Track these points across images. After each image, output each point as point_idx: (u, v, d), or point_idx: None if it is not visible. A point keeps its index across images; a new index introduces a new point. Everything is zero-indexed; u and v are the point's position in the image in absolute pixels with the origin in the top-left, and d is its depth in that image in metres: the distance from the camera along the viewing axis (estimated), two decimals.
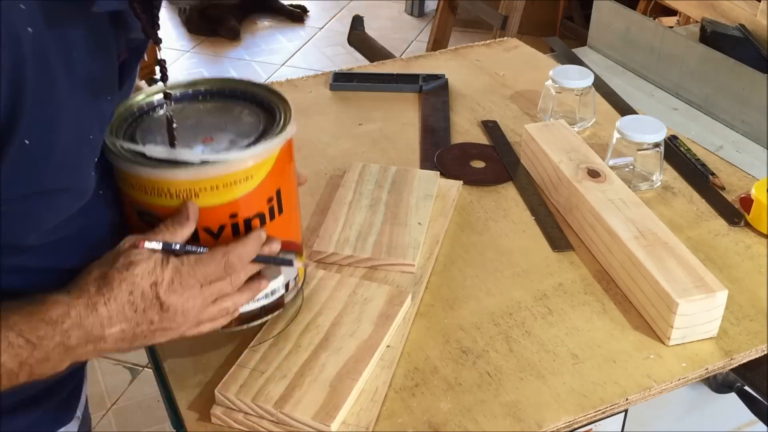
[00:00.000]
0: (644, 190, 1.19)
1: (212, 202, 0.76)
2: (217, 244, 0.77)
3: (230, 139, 0.79)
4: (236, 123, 0.81)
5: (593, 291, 1.01)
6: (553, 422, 0.83)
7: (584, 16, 3.44)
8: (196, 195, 0.76)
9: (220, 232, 0.78)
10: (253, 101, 0.84)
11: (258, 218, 0.80)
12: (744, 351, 0.92)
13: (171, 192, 0.75)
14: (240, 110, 0.83)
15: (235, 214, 0.78)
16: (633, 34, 1.72)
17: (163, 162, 0.75)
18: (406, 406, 0.85)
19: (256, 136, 0.79)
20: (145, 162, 0.75)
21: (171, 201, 0.76)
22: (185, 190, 0.75)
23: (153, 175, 0.75)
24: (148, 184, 0.76)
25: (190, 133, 0.80)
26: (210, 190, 0.76)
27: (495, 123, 1.36)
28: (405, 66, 1.58)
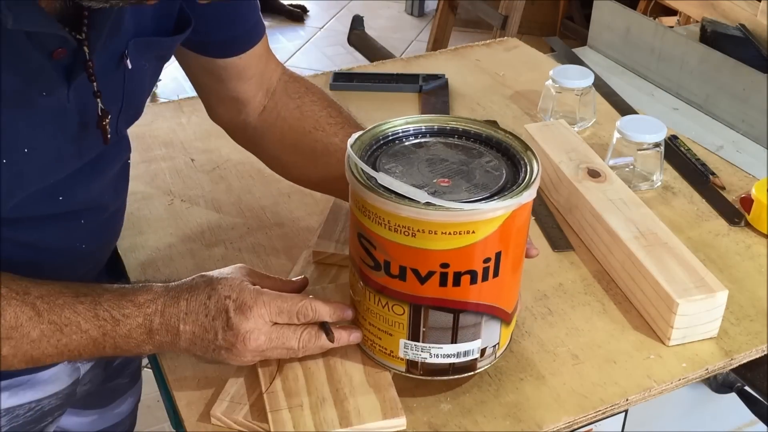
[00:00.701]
0: (644, 190, 1.19)
1: (426, 246, 0.75)
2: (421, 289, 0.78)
3: (466, 188, 0.77)
4: (479, 171, 0.79)
5: (593, 291, 1.01)
6: (553, 423, 0.83)
7: (584, 16, 3.43)
8: (413, 234, 0.74)
9: (428, 278, 0.77)
10: (505, 153, 0.82)
11: (469, 275, 0.77)
12: (744, 351, 0.92)
13: (391, 225, 0.75)
14: (488, 159, 0.81)
15: (446, 265, 0.76)
16: (633, 34, 1.72)
17: (391, 194, 0.74)
18: (406, 406, 0.84)
19: (492, 192, 0.77)
20: (371, 188, 0.75)
21: (389, 234, 0.75)
22: (404, 227, 0.74)
23: (377, 202, 0.75)
24: (372, 209, 0.76)
25: (431, 171, 0.79)
26: (427, 234, 0.74)
27: (495, 123, 1.36)
28: (405, 66, 1.58)
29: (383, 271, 0.78)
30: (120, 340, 0.77)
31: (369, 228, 0.77)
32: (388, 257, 0.77)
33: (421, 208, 0.73)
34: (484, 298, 0.79)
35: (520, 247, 0.81)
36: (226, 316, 0.78)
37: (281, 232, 1.10)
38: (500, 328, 0.83)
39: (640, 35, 1.70)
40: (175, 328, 0.78)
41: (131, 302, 0.77)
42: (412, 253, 0.76)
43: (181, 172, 1.23)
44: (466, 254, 0.76)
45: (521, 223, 0.78)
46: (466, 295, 0.78)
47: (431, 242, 0.74)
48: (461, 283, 0.77)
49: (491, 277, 0.78)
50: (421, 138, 0.84)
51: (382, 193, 0.74)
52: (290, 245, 1.08)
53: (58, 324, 0.74)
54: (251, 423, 0.81)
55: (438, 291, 0.77)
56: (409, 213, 0.73)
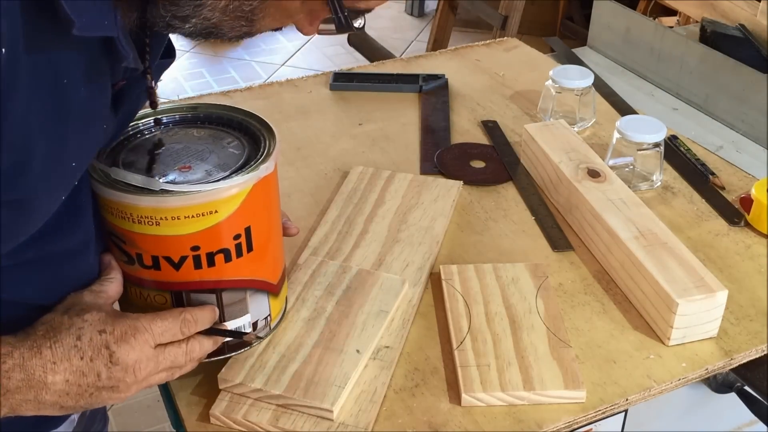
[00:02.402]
0: (644, 190, 1.19)
1: (173, 232, 0.75)
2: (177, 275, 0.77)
3: (206, 170, 0.77)
4: (220, 153, 0.80)
5: (593, 291, 1.01)
6: (553, 422, 0.83)
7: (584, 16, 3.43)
8: (156, 223, 0.74)
9: (181, 263, 0.77)
10: (246, 132, 0.83)
11: (222, 254, 0.78)
12: (744, 351, 0.92)
13: (133, 217, 0.75)
14: (230, 140, 0.82)
15: (197, 247, 0.76)
16: (633, 34, 1.72)
17: (129, 186, 0.74)
18: (406, 406, 0.84)
19: (231, 170, 0.77)
20: (110, 184, 0.75)
21: (133, 226, 0.75)
22: (146, 218, 0.74)
23: (116, 197, 0.75)
24: (113, 206, 0.75)
25: (172, 159, 0.79)
26: (170, 220, 0.74)
27: (495, 123, 1.36)
28: (405, 66, 1.58)
29: (137, 264, 0.78)
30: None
31: (115, 224, 0.77)
32: (138, 250, 0.77)
33: (158, 196, 0.73)
34: (242, 273, 0.80)
35: (272, 219, 0.82)
36: (108, 352, 0.69)
37: None
38: (268, 300, 0.84)
39: (639, 35, 1.70)
40: (41, 382, 0.67)
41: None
42: (160, 242, 0.76)
43: None
44: (213, 234, 0.76)
45: (267, 196, 0.80)
46: (224, 274, 0.79)
47: (176, 228, 0.75)
48: (216, 262, 0.77)
49: (246, 253, 0.79)
50: (163, 128, 0.84)
51: (119, 188, 0.74)
52: (290, 245, 1.08)
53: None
54: (250, 422, 0.81)
55: (194, 274, 0.77)
56: (148, 203, 0.74)
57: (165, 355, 0.74)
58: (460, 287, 0.98)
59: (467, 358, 0.88)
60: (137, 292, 0.80)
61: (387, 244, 1.05)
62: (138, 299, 0.80)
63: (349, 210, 1.12)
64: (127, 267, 0.79)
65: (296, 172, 1.24)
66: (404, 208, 1.13)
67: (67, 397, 0.69)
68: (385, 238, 1.07)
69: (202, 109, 0.86)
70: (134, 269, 0.78)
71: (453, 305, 0.95)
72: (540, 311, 0.94)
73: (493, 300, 0.96)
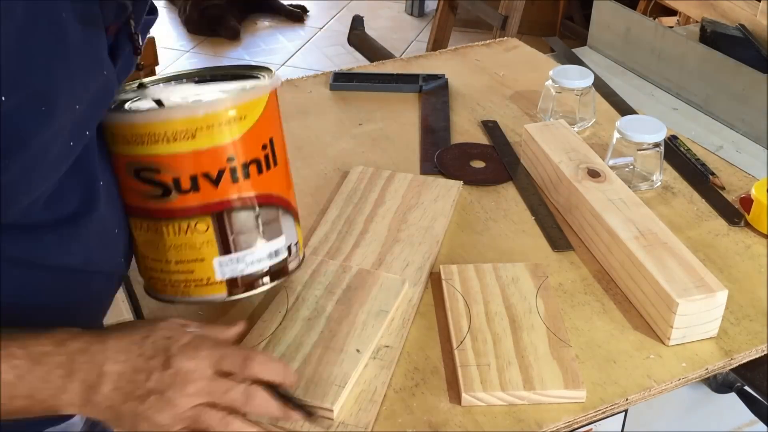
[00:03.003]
0: (644, 190, 1.19)
1: (209, 143, 0.76)
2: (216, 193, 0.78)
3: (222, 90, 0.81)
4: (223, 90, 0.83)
5: (593, 291, 1.01)
6: (553, 422, 0.83)
7: (584, 16, 3.43)
8: (192, 135, 0.75)
9: (219, 178, 0.78)
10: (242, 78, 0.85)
11: (255, 164, 0.79)
12: (744, 351, 0.92)
13: (168, 135, 0.75)
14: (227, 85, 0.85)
15: (232, 158, 0.78)
16: (633, 34, 1.72)
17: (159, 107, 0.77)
18: (406, 406, 0.84)
19: None
20: (140, 110, 0.76)
21: (168, 147, 0.76)
22: (182, 131, 0.75)
23: (150, 118, 0.75)
24: (145, 130, 0.75)
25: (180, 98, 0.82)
26: (206, 129, 0.76)
27: (495, 123, 1.36)
28: (405, 66, 1.58)
29: (174, 191, 0.78)
30: (36, 384, 0.66)
31: (147, 154, 0.77)
32: (175, 173, 0.77)
33: (192, 106, 0.77)
34: (273, 188, 0.82)
35: (282, 139, 0.85)
36: (165, 356, 0.69)
37: None
38: (294, 223, 0.86)
39: (640, 35, 1.70)
40: (99, 368, 0.67)
41: (49, 339, 0.67)
42: (197, 158, 0.77)
43: None
44: (245, 142, 0.79)
45: (277, 111, 0.84)
46: (258, 187, 0.81)
47: (211, 138, 0.77)
48: (250, 174, 0.79)
49: (272, 166, 0.82)
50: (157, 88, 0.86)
51: (151, 109, 0.77)
52: None
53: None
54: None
55: (232, 189, 0.79)
56: (183, 113, 0.76)
57: (221, 382, 0.71)
58: (460, 287, 0.98)
59: (467, 358, 0.88)
60: (175, 228, 0.79)
61: (387, 244, 1.05)
62: (177, 236, 0.80)
63: (349, 210, 1.12)
64: (163, 201, 0.78)
65: (296, 172, 1.23)
66: (404, 207, 1.13)
67: (117, 393, 0.68)
68: (385, 237, 1.07)
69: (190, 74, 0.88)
70: (171, 200, 0.78)
71: (453, 305, 0.95)
72: (540, 311, 0.94)
73: (493, 300, 0.96)
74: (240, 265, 0.81)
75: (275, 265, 0.84)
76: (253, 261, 0.82)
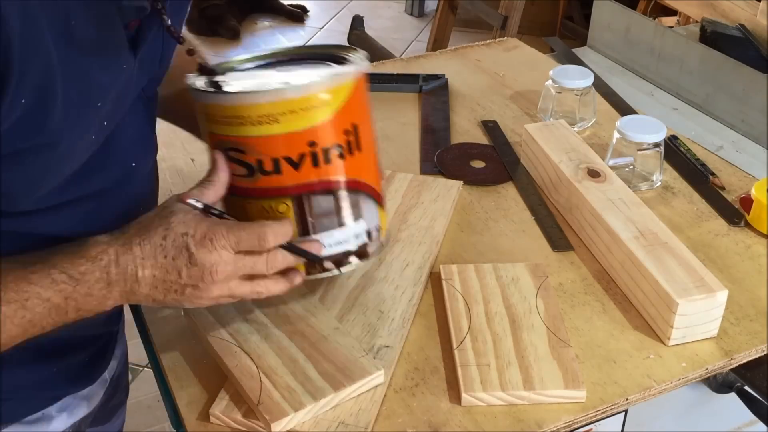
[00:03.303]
0: (644, 190, 1.19)
1: (292, 128, 0.78)
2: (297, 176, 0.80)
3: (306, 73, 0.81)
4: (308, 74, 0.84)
5: (593, 291, 1.01)
6: (553, 422, 0.83)
7: (584, 16, 3.43)
8: (276, 120, 0.77)
9: (301, 162, 0.79)
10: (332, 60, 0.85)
11: (336, 150, 0.80)
12: (744, 351, 0.92)
13: (253, 118, 0.77)
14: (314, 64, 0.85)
15: (314, 143, 0.79)
16: (633, 34, 1.72)
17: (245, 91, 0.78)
18: (406, 406, 0.84)
19: None
20: (225, 92, 0.78)
21: (253, 129, 0.78)
22: (266, 116, 0.77)
23: (235, 101, 0.77)
24: (230, 112, 0.78)
25: None
26: (290, 114, 0.77)
27: (495, 123, 1.36)
28: (405, 66, 1.58)
29: (258, 173, 0.80)
30: (81, 300, 0.73)
31: (233, 135, 0.79)
32: (259, 155, 0.79)
33: (278, 91, 0.77)
34: (355, 173, 0.82)
35: (372, 125, 0.85)
36: (188, 253, 0.75)
37: None
38: (377, 209, 0.86)
39: (640, 35, 1.70)
40: (133, 275, 0.74)
41: (83, 257, 0.73)
42: (280, 141, 0.78)
43: (181, 172, 1.23)
44: (328, 127, 0.79)
45: (365, 96, 0.84)
46: (339, 172, 0.81)
47: (295, 122, 0.78)
48: (331, 159, 0.80)
49: (356, 151, 0.82)
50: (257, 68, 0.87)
51: (236, 92, 0.78)
52: None
53: (18, 301, 0.70)
54: (251, 422, 0.81)
55: (313, 173, 0.80)
56: (268, 98, 0.77)
57: (245, 261, 0.77)
58: (460, 287, 0.98)
59: (467, 358, 0.88)
60: (258, 206, 0.81)
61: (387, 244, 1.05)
62: (259, 214, 0.82)
63: None
64: (248, 181, 0.81)
65: None
66: (404, 207, 1.13)
67: (156, 291, 0.76)
68: None
69: (279, 54, 0.89)
70: (255, 180, 0.80)
71: (453, 305, 0.95)
72: (540, 311, 0.94)
73: (493, 300, 0.96)
74: None
75: (355, 248, 0.84)
76: (331, 244, 0.83)
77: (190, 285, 0.76)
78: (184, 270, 0.75)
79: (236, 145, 0.79)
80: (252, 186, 0.81)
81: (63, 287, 0.72)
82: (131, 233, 0.76)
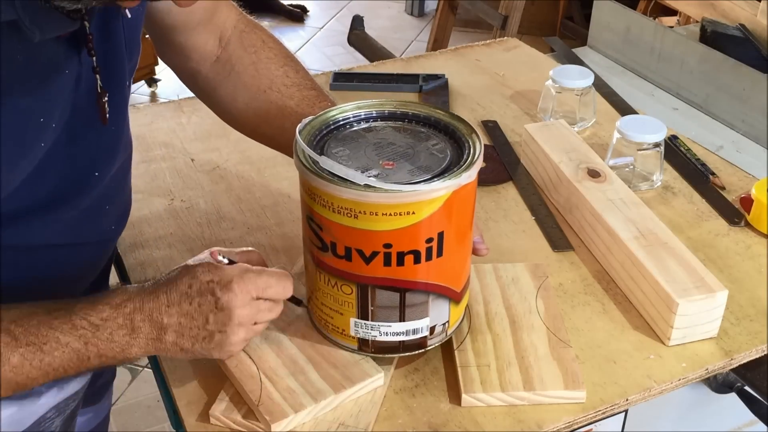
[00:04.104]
0: (644, 190, 1.19)
1: (369, 227, 0.77)
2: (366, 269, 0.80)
3: (409, 170, 0.79)
4: (424, 154, 0.82)
5: (593, 291, 1.01)
6: (553, 423, 0.83)
7: (584, 16, 3.43)
8: (355, 216, 0.77)
9: (372, 258, 0.79)
10: (451, 136, 0.84)
11: (412, 255, 0.79)
12: (744, 351, 0.92)
13: (334, 206, 0.77)
14: (434, 142, 0.84)
15: (389, 245, 0.78)
16: (633, 34, 1.72)
17: (334, 177, 0.77)
18: (406, 406, 0.84)
19: (434, 174, 0.79)
20: (316, 172, 0.77)
21: (332, 215, 0.78)
22: (346, 209, 0.77)
23: (321, 185, 0.77)
24: (317, 192, 0.78)
25: (376, 154, 0.82)
26: (368, 215, 0.77)
27: (495, 123, 1.36)
28: (405, 66, 1.58)
29: (330, 252, 0.81)
30: (103, 345, 0.74)
31: (316, 210, 0.80)
32: (333, 239, 0.80)
33: (360, 190, 0.75)
34: (429, 277, 0.82)
35: (464, 228, 0.83)
36: (214, 298, 0.76)
37: (281, 232, 1.10)
38: (449, 306, 0.85)
39: (640, 35, 1.70)
40: (158, 323, 0.75)
41: (107, 305, 0.75)
42: (355, 234, 0.78)
43: (181, 172, 1.23)
44: (408, 234, 0.78)
45: (464, 203, 0.81)
46: (411, 275, 0.81)
47: (373, 223, 0.77)
48: (405, 262, 0.79)
49: (435, 257, 0.80)
50: (371, 122, 0.87)
51: (324, 176, 0.77)
52: (290, 245, 1.08)
53: (36, 344, 0.71)
54: (250, 423, 0.81)
55: (383, 271, 0.80)
56: (350, 195, 0.76)
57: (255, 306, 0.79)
58: None
59: (467, 359, 0.88)
60: (326, 279, 0.83)
61: None
62: (326, 286, 0.84)
63: None
64: (320, 253, 0.82)
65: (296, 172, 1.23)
66: None
67: (183, 339, 0.77)
68: None
69: (410, 107, 0.88)
70: (327, 256, 0.82)
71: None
72: (540, 311, 0.94)
73: (493, 300, 0.96)
74: (373, 332, 0.84)
75: (410, 340, 0.85)
76: (387, 332, 0.84)
77: (217, 331, 0.77)
78: (211, 316, 0.77)
79: (317, 220, 0.80)
80: (324, 260, 0.82)
81: (83, 332, 0.73)
82: (158, 283, 0.77)
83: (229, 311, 0.77)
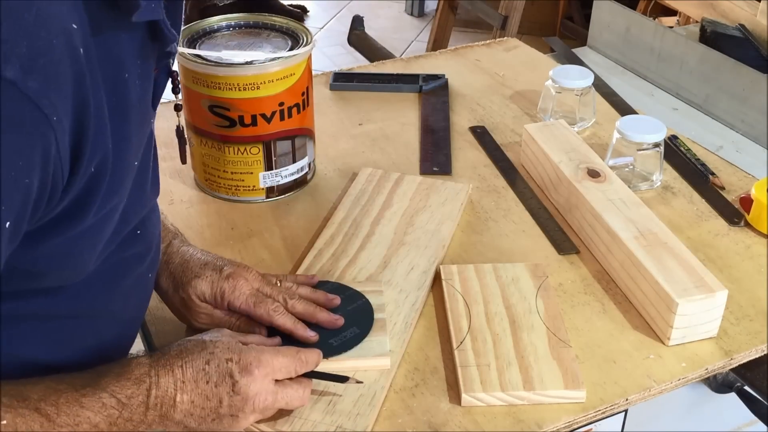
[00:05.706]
0: (644, 190, 1.19)
1: (268, 93, 1.06)
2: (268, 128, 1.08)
3: (269, 50, 1.07)
4: (269, 41, 1.11)
5: (593, 291, 1.01)
6: (553, 422, 0.83)
7: (584, 16, 3.43)
8: (257, 87, 1.05)
9: (272, 117, 1.08)
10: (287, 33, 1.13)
11: (296, 107, 1.10)
12: (744, 351, 0.92)
13: (240, 86, 1.04)
14: (268, 34, 1.13)
15: (282, 103, 1.08)
16: (633, 34, 1.72)
17: (236, 63, 1.04)
18: (406, 406, 0.84)
19: (291, 47, 1.09)
20: (221, 64, 1.04)
21: (239, 94, 1.05)
22: (250, 84, 1.05)
23: (229, 72, 1.04)
24: (223, 80, 1.04)
25: (240, 49, 1.08)
26: (268, 83, 1.05)
27: (483, 128, 1.35)
28: (405, 66, 1.58)
29: (239, 125, 1.07)
30: (122, 424, 0.70)
31: (223, 97, 1.06)
32: (241, 112, 1.06)
33: (262, 65, 1.04)
34: (305, 123, 1.14)
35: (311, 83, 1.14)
36: (232, 381, 0.73)
37: (281, 233, 1.10)
38: (313, 145, 1.18)
39: (639, 35, 1.70)
40: (171, 399, 0.72)
41: (128, 380, 0.71)
42: (258, 102, 1.06)
43: (181, 172, 1.23)
44: (292, 92, 1.09)
45: (310, 65, 1.12)
46: (296, 123, 1.11)
47: (271, 89, 1.06)
48: (293, 114, 1.10)
49: (306, 107, 1.12)
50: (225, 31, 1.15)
51: (231, 65, 1.04)
52: (290, 245, 1.08)
53: (70, 425, 0.67)
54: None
55: (279, 125, 1.09)
56: (255, 71, 1.04)
57: (283, 393, 0.77)
58: (460, 287, 0.98)
59: (467, 358, 0.88)
60: (234, 150, 1.10)
61: (393, 247, 1.05)
62: (236, 155, 1.10)
63: (356, 212, 1.11)
64: (229, 130, 1.08)
65: None
66: (411, 210, 1.12)
67: (191, 419, 0.73)
68: (391, 240, 1.06)
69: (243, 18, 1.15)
70: (235, 130, 1.08)
71: (453, 305, 0.95)
72: (540, 311, 0.94)
73: (493, 300, 0.96)
74: (277, 177, 1.13)
75: (299, 178, 1.16)
76: (286, 175, 1.14)
77: (229, 414, 0.74)
78: (226, 398, 0.73)
79: (222, 104, 1.06)
80: (232, 134, 1.08)
81: (111, 412, 0.69)
82: (173, 354, 0.74)
83: (246, 396, 0.74)
